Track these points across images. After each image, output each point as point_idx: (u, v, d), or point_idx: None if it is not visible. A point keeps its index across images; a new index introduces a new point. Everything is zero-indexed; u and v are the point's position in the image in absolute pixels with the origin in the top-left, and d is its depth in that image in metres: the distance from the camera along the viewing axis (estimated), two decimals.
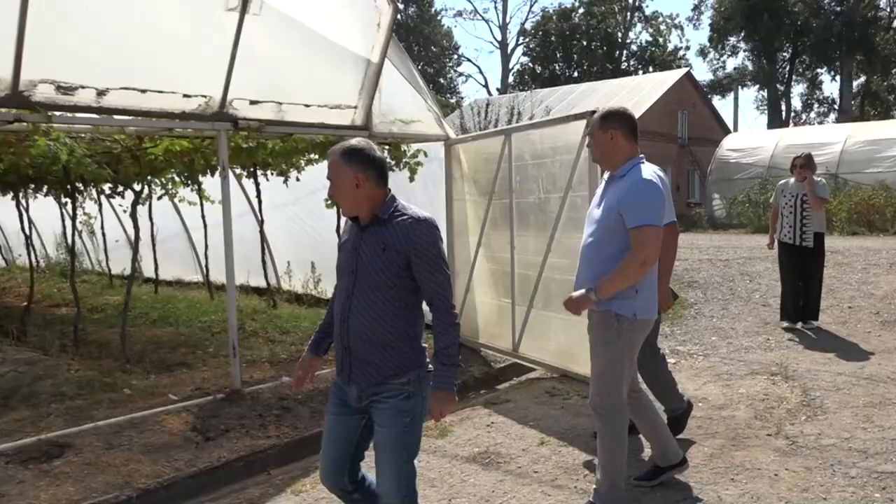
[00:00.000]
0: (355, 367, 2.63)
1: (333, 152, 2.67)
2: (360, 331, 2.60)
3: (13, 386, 6.08)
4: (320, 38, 6.01)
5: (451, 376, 2.56)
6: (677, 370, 5.70)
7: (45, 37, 4.54)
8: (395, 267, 2.55)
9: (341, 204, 2.70)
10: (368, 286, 2.58)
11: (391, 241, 2.55)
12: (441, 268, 2.59)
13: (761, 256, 10.85)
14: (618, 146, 3.37)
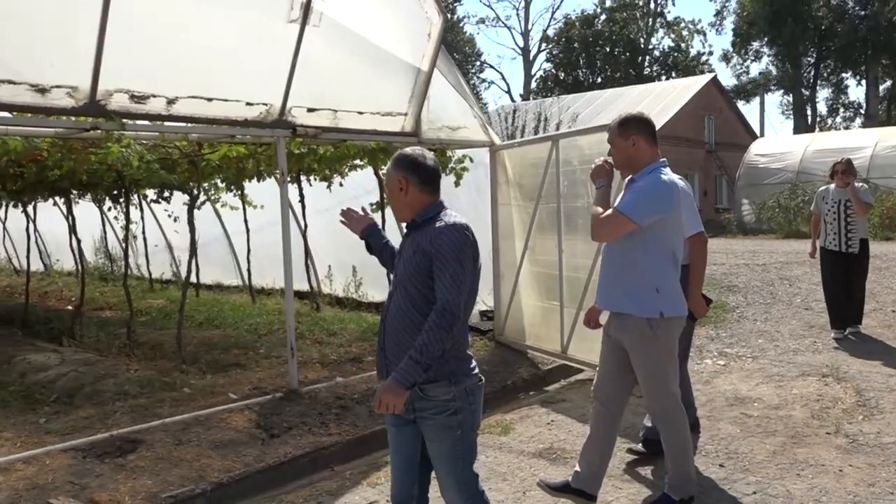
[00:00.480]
0: (392, 368, 2.57)
1: (394, 158, 2.75)
2: (393, 333, 2.62)
3: (76, 385, 6.28)
4: (373, 48, 6.17)
5: (411, 372, 2.44)
6: (728, 371, 5.79)
7: (120, 49, 4.73)
8: (424, 269, 2.55)
9: (393, 210, 2.77)
10: (403, 289, 2.61)
11: (421, 244, 2.57)
12: (453, 270, 2.50)
13: (798, 261, 10.88)
14: (640, 151, 3.37)
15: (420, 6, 6.27)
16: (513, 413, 5.17)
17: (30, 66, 4.49)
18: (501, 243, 7.53)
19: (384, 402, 2.44)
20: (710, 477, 3.77)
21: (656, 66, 51.64)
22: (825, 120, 48.66)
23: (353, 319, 8.73)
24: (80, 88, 4.71)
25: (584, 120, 25.26)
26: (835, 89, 47.71)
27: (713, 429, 4.52)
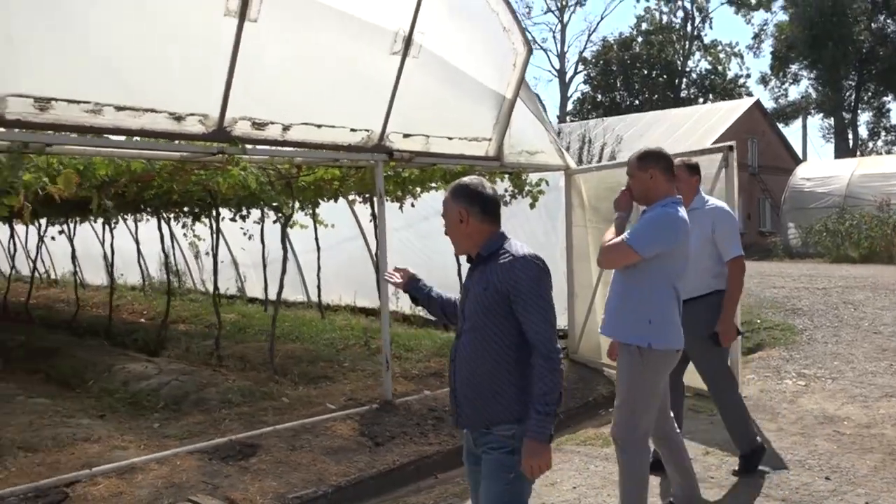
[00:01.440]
0: (462, 410, 2.58)
1: (447, 191, 2.69)
2: (465, 374, 2.55)
3: (181, 393, 6.64)
4: (463, 77, 6.51)
5: (546, 426, 2.39)
6: (811, 392, 5.97)
7: (245, 80, 5.10)
8: (496, 307, 2.47)
9: (452, 242, 2.67)
10: (473, 327, 2.53)
11: (492, 280, 2.48)
12: (539, 307, 2.43)
13: (859, 286, 10.97)
14: (657, 184, 3.42)
15: (508, 38, 6.60)
16: (605, 427, 5.40)
17: (168, 96, 4.87)
18: (576, 265, 7.78)
19: (535, 467, 2.40)
20: (819, 489, 3.98)
21: (693, 88, 51.68)
22: (866, 143, 48.26)
23: (424, 335, 9.01)
24: (210, 116, 5.09)
25: (627, 142, 25.47)
26: (876, 113, 47.33)
27: (810, 445, 4.72)
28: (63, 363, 8.26)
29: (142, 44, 4.72)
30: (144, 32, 4.69)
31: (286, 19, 5.17)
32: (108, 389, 7.09)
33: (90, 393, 7.19)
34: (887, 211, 18.96)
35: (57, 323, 11.55)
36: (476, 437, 2.58)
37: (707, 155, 6.07)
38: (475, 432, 2.58)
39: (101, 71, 4.61)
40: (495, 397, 2.48)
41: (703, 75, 52.22)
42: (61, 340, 9.56)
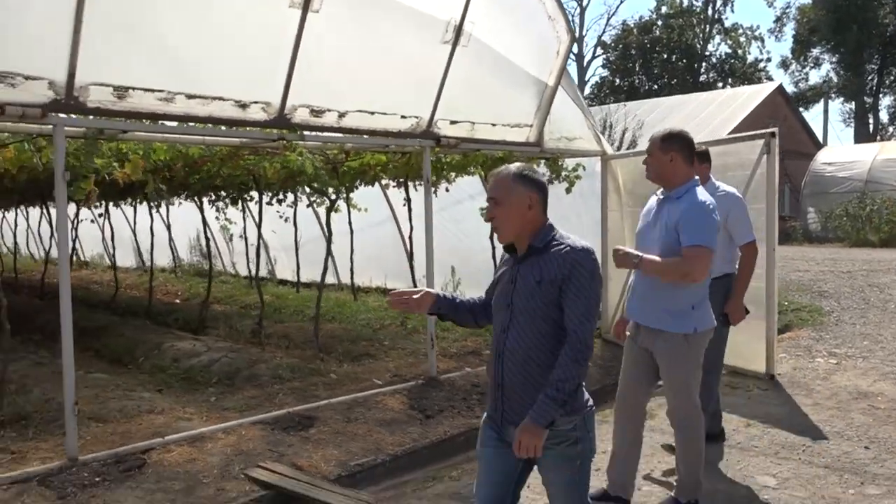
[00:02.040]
0: (509, 406, 2.52)
1: (503, 174, 2.58)
2: (515, 369, 2.50)
3: (232, 369, 6.93)
4: (508, 65, 6.71)
5: (550, 412, 2.38)
6: (843, 370, 6.18)
7: (305, 69, 5.33)
8: (550, 299, 2.44)
9: (503, 227, 2.56)
10: (525, 321, 2.48)
11: (547, 272, 2.45)
12: (588, 300, 2.42)
13: (882, 269, 11.11)
14: (677, 168, 3.49)
15: (553, 26, 6.78)
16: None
17: (234, 85, 5.11)
18: (611, 247, 7.97)
19: (524, 445, 2.38)
20: (860, 458, 4.20)
21: (713, 72, 51.39)
22: (885, 128, 47.91)
23: None
24: (272, 104, 5.33)
25: (648, 126, 25.45)
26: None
27: (847, 418, 4.94)
28: (111, 341, 8.57)
29: (210, 35, 4.97)
30: (213, 24, 4.93)
31: (344, 10, 5.39)
32: (159, 366, 7.39)
33: (142, 369, 7.49)
34: None
35: (96, 303, 11.88)
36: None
37: (749, 141, 6.26)
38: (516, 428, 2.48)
39: (173, 61, 4.86)
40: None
41: (722, 59, 51.88)
42: (105, 320, 9.87)
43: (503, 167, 2.61)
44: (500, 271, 2.68)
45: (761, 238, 5.96)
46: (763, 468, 4.10)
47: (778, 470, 4.07)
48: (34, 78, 4.28)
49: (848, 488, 3.79)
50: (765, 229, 5.99)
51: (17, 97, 4.23)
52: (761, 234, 5.97)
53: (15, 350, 7.75)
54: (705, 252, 3.33)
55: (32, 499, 4.09)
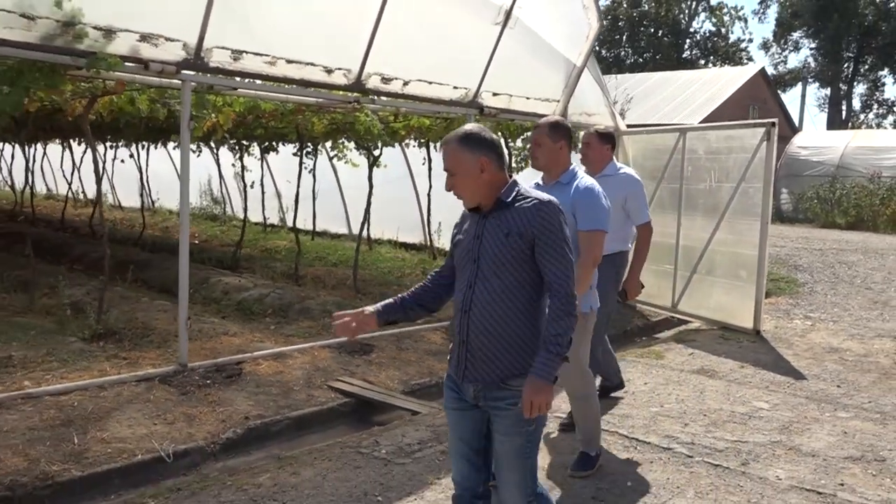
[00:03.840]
0: (472, 364, 2.49)
1: (451, 142, 2.53)
2: (481, 324, 2.45)
3: (284, 303, 7.76)
4: (544, 45, 7.53)
5: (553, 366, 2.38)
6: (816, 330, 7.24)
7: (380, 42, 6.11)
8: (519, 253, 2.43)
9: (463, 195, 2.54)
10: (492, 274, 2.45)
11: (515, 225, 2.44)
12: (565, 252, 2.43)
13: (850, 248, 12.27)
14: (563, 157, 3.62)
15: (585, 13, 7.60)
16: (655, 347, 6.64)
17: (322, 52, 5.88)
18: None
19: (536, 403, 2.36)
20: (833, 393, 5.23)
21: (696, 49, 52.33)
22: (857, 115, 49.51)
23: None
24: (352, 70, 6.11)
25: (637, 100, 26.44)
26: (871, 86, 48.44)
27: (821, 365, 5.98)
28: (156, 274, 9.32)
29: (308, 9, 5.72)
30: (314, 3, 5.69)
31: None
32: (211, 297, 8.21)
33: (194, 300, 8.25)
34: (878, 183, 20.19)
35: (122, 239, 12.54)
36: (481, 390, 2.50)
37: (751, 128, 7.20)
38: (479, 386, 2.50)
39: (277, 31, 5.60)
40: (515, 348, 2.44)
41: (706, 37, 52.82)
42: (143, 255, 10.60)
43: (451, 133, 2.56)
44: (461, 230, 2.64)
45: (757, 213, 6.99)
46: (757, 396, 5.10)
47: (769, 398, 5.08)
48: (172, 39, 5.02)
49: (824, 412, 4.80)
50: (760, 205, 6.96)
51: (157, 55, 4.97)
52: (757, 209, 7.00)
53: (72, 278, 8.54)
54: (601, 235, 3.54)
55: (160, 393, 4.94)
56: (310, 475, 3.84)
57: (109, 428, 4.40)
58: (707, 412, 4.73)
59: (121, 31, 4.76)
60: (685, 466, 3.87)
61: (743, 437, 4.28)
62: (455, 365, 2.59)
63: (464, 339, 2.51)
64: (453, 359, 2.62)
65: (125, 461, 4.12)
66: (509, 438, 2.48)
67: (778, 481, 3.68)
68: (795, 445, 4.17)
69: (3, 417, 4.33)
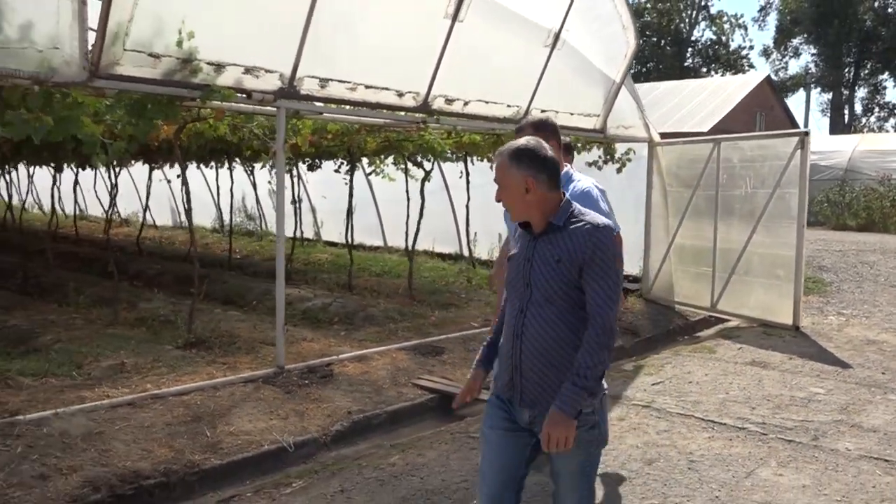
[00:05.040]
0: (528, 389, 2.41)
1: (501, 153, 2.45)
2: (535, 350, 2.38)
3: (348, 311, 8.25)
4: (586, 63, 8.07)
5: (579, 400, 2.29)
6: (851, 325, 7.73)
7: (444, 65, 6.64)
8: (570, 280, 2.34)
9: (511, 209, 2.45)
10: (544, 300, 2.37)
11: (566, 251, 2.34)
12: (612, 281, 2.33)
13: (869, 249, 12.76)
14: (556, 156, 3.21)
15: (624, 34, 8.14)
16: (705, 343, 7.12)
17: (393, 78, 6.39)
18: (653, 221, 9.43)
19: (555, 439, 2.28)
20: (879, 378, 5.72)
21: (698, 57, 53.04)
22: (859, 119, 50.12)
23: None
24: (420, 93, 6.63)
25: (646, 108, 26.97)
26: (872, 90, 49.09)
27: (863, 356, 6.47)
28: (217, 287, 9.81)
29: (384, 39, 6.24)
30: (388, 33, 6.21)
31: (478, 20, 6.67)
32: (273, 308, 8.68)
33: (258, 310, 8.76)
34: (888, 185, 20.68)
35: (170, 256, 13.05)
36: (538, 415, 2.41)
37: (784, 138, 7.71)
38: (536, 411, 2.42)
39: (357, 60, 6.12)
40: (568, 371, 2.33)
41: (707, 45, 53.55)
42: (190, 271, 11.08)
43: (506, 145, 2.47)
44: (514, 248, 2.57)
45: (793, 217, 7.49)
46: (811, 383, 5.59)
47: (822, 385, 5.56)
48: (271, 71, 5.54)
49: (875, 395, 5.29)
50: (796, 209, 7.46)
51: (257, 85, 5.49)
52: (793, 213, 7.50)
53: (140, 293, 9.05)
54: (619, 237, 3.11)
55: (267, 392, 5.43)
56: (434, 456, 4.32)
57: (233, 422, 4.88)
58: (769, 397, 5.22)
59: (229, 65, 5.28)
60: (762, 442, 4.36)
61: (808, 418, 4.77)
62: (507, 389, 2.50)
63: (517, 364, 2.43)
64: (504, 382, 2.52)
65: (255, 451, 4.60)
66: (569, 460, 2.40)
67: (848, 452, 4.17)
68: (857, 423, 4.66)
69: (140, 415, 4.82)
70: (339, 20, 5.81)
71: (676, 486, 3.76)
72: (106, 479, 4.05)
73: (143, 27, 4.80)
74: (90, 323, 7.55)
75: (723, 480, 3.80)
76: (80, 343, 6.51)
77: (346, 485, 4.00)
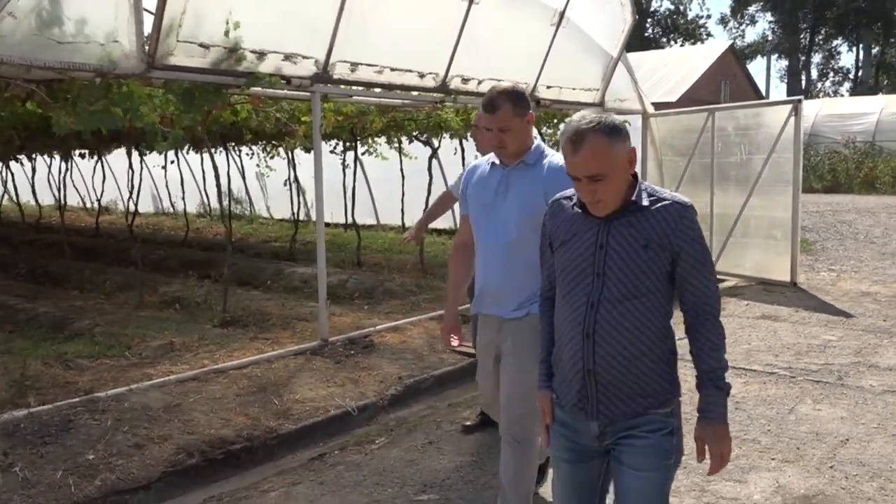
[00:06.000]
0: (604, 398, 2.07)
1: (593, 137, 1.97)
2: (614, 353, 2.05)
3: (366, 287, 8.54)
4: (588, 40, 8.39)
5: (725, 405, 2.07)
6: (843, 280, 8.25)
7: (464, 48, 6.92)
8: (660, 268, 2.04)
9: (610, 201, 2.03)
10: (625, 294, 2.04)
11: (654, 234, 2.02)
12: (712, 265, 2.10)
13: (843, 210, 13.39)
14: (529, 131, 2.96)
15: (622, 9, 8.47)
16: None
17: (415, 59, 6.66)
18: None
19: (725, 456, 2.06)
20: (882, 325, 6.21)
21: (658, 27, 53.70)
22: (815, 84, 51.42)
23: None
24: (439, 74, 6.91)
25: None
26: (826, 55, 50.37)
27: (861, 306, 6.98)
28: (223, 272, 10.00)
29: (406, 22, 6.48)
30: (411, 16, 6.46)
31: (497, 5, 6.96)
32: (291, 287, 8.94)
33: (274, 289, 9.00)
34: (853, 148, 21.47)
35: (166, 242, 13.16)
36: (606, 426, 2.10)
37: (777, 106, 8.15)
38: (607, 421, 2.10)
39: (383, 44, 6.36)
40: (654, 377, 2.07)
41: (666, 15, 54.23)
42: (200, 254, 11.27)
43: (586, 127, 1.98)
44: (564, 231, 2.16)
45: (788, 180, 7.96)
46: (822, 332, 6.07)
47: (833, 333, 6.04)
48: (307, 57, 5.77)
49: (882, 339, 5.78)
50: (791, 172, 7.93)
51: (295, 71, 5.72)
52: (788, 176, 7.96)
53: (153, 278, 9.22)
54: None
55: (318, 363, 5.72)
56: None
57: (296, 391, 5.18)
58: (789, 346, 5.67)
59: (270, 53, 5.50)
60: (794, 384, 4.80)
61: (829, 361, 5.23)
62: (576, 398, 2.11)
63: (589, 368, 2.07)
64: (574, 390, 2.12)
65: (322, 415, 4.91)
66: (647, 474, 2.07)
67: (872, 388, 4.63)
68: (873, 364, 5.13)
69: (208, 388, 5.09)
70: (367, 5, 6.04)
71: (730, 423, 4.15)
72: (196, 445, 4.33)
73: (194, 19, 5.00)
74: (119, 307, 7.75)
75: (769, 416, 4.23)
76: (118, 326, 6.73)
77: (431, 437, 4.34)
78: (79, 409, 4.53)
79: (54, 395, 4.83)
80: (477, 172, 3.10)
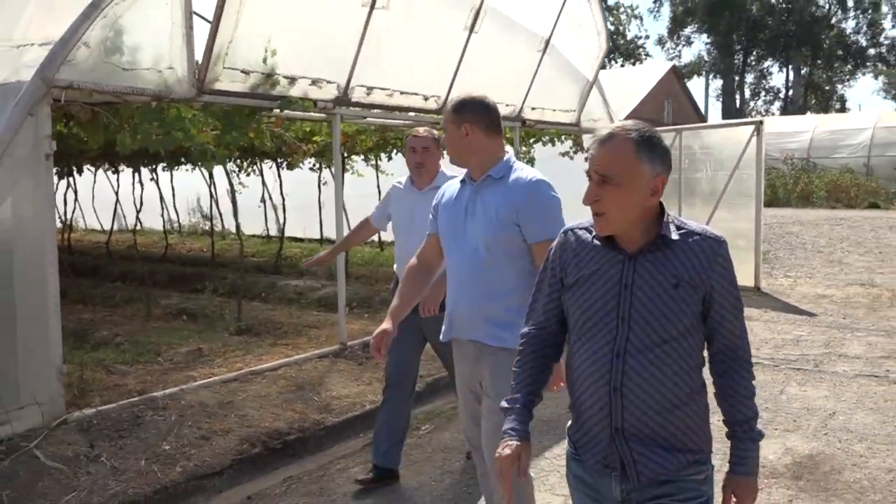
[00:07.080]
0: (640, 456, 1.84)
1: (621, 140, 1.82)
2: (645, 406, 1.81)
3: (363, 296, 8.99)
4: (568, 65, 9.09)
5: (757, 457, 1.89)
6: (800, 284, 9.09)
7: (462, 74, 7.51)
8: (691, 308, 1.81)
9: (613, 216, 1.83)
10: (655, 340, 1.81)
11: (685, 272, 1.79)
12: (741, 304, 1.89)
13: (788, 222, 14.41)
14: (475, 143, 2.85)
15: (598, 38, 9.21)
16: None
17: (422, 84, 7.22)
18: None
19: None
20: (842, 321, 7.00)
21: None
22: (748, 103, 53.84)
23: None
24: (441, 97, 7.47)
25: None
26: (758, 76, 52.83)
27: (821, 306, 7.78)
28: (220, 283, 10.32)
29: (414, 50, 7.05)
30: (419, 44, 7.03)
31: (490, 30, 7.57)
32: (287, 298, 9.33)
33: (269, 301, 9.38)
34: (791, 164, 22.84)
35: (145, 258, 13.30)
36: (635, 490, 1.87)
37: (740, 126, 8.97)
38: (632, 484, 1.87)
39: (394, 70, 6.91)
40: (689, 432, 1.87)
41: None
42: (187, 270, 11.54)
43: (618, 128, 1.87)
44: (582, 265, 1.93)
45: (751, 194, 8.76)
46: (792, 328, 6.81)
47: (801, 329, 6.80)
48: (330, 82, 6.26)
49: (846, 333, 6.56)
50: (754, 187, 8.74)
51: (320, 95, 6.21)
52: (751, 191, 8.76)
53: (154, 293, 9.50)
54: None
55: (343, 365, 6.18)
56: None
57: (331, 389, 5.63)
58: (766, 340, 6.39)
59: (300, 78, 5.98)
60: (778, 371, 5.49)
61: (804, 352, 5.95)
62: (600, 456, 1.90)
63: (618, 426, 1.85)
64: (600, 447, 1.90)
65: (360, 410, 5.37)
66: None
67: (845, 372, 5.35)
68: (842, 353, 5.87)
69: (251, 387, 5.50)
70: (383, 34, 6.58)
71: None
72: (257, 437, 4.76)
73: (239, 48, 5.46)
74: (128, 319, 8.04)
75: (765, 397, 4.88)
76: (137, 335, 7.04)
77: None
78: (141, 407, 4.90)
79: (109, 396, 5.18)
80: (447, 192, 2.99)
